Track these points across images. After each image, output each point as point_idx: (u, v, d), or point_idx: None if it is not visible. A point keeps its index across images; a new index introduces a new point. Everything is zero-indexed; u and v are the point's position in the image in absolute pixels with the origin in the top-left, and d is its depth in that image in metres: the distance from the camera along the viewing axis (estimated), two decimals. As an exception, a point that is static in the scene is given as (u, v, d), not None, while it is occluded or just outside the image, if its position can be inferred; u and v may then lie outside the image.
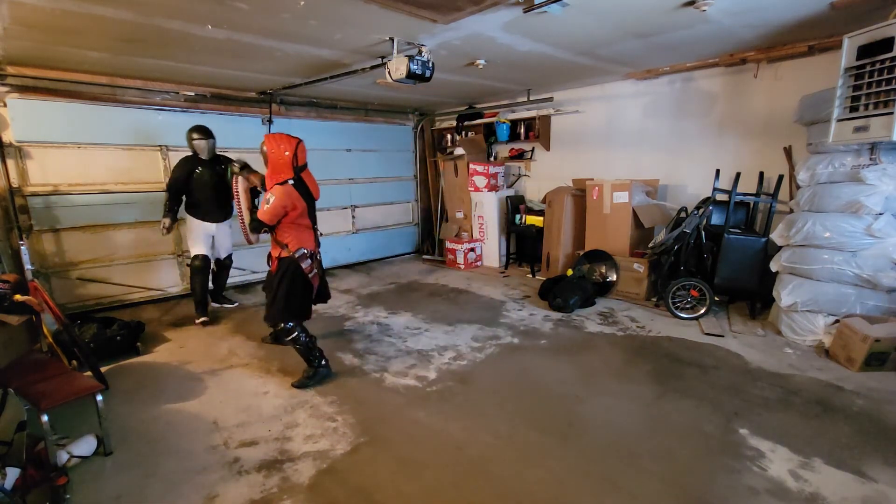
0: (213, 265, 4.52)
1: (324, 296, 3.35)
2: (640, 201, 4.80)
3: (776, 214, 4.01)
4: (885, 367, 3.02)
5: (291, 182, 2.88)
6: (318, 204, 3.19)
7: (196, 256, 4.26)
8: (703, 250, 4.24)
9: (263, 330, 4.13)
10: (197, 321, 4.30)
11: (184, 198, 4.23)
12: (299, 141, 2.94)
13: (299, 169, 2.94)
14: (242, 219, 3.23)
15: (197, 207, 4.25)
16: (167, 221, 4.16)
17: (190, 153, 4.20)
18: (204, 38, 3.27)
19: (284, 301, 2.95)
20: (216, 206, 4.30)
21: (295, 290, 2.97)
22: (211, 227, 4.32)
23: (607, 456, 2.25)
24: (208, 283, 4.43)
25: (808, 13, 3.09)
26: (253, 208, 3.39)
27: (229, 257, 4.65)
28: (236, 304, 4.86)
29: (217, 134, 4.27)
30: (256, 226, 2.92)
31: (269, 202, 2.82)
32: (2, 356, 2.38)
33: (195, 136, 4.15)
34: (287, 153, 2.87)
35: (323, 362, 3.13)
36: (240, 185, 3.33)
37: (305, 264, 2.96)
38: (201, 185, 4.19)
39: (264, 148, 2.90)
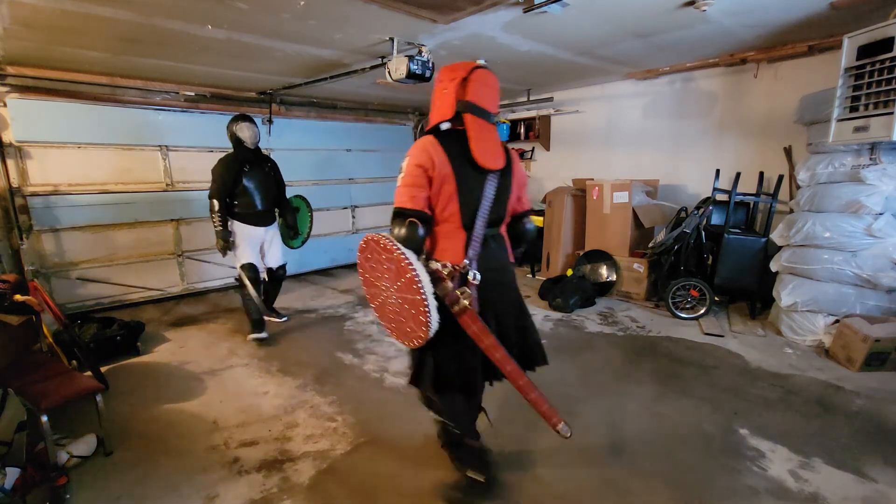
0: (234, 270, 3.94)
1: (493, 369, 1.85)
2: (640, 201, 4.80)
3: (776, 214, 4.01)
4: (885, 367, 3.02)
5: (445, 126, 1.76)
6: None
7: (244, 266, 3.71)
8: (703, 250, 4.24)
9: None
10: (251, 337, 3.78)
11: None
12: (478, 66, 1.75)
13: (466, 107, 1.71)
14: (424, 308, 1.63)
15: (244, 210, 3.71)
16: (222, 231, 3.58)
17: (231, 152, 3.71)
18: (204, 38, 3.27)
19: (419, 354, 1.86)
20: (266, 209, 3.82)
21: (437, 339, 1.72)
22: (260, 231, 3.82)
23: (607, 456, 2.25)
24: (261, 295, 3.91)
25: (808, 13, 3.09)
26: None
27: (283, 268, 4.09)
28: (286, 319, 4.26)
29: (217, 134, 4.26)
30: (401, 232, 1.66)
31: (402, 172, 1.73)
32: (2, 356, 2.38)
33: (240, 123, 3.63)
34: (455, 80, 1.72)
35: (469, 474, 1.99)
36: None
37: (446, 290, 1.69)
38: (250, 185, 3.68)
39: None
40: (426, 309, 1.60)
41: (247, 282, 3.68)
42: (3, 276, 3.05)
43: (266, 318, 4.08)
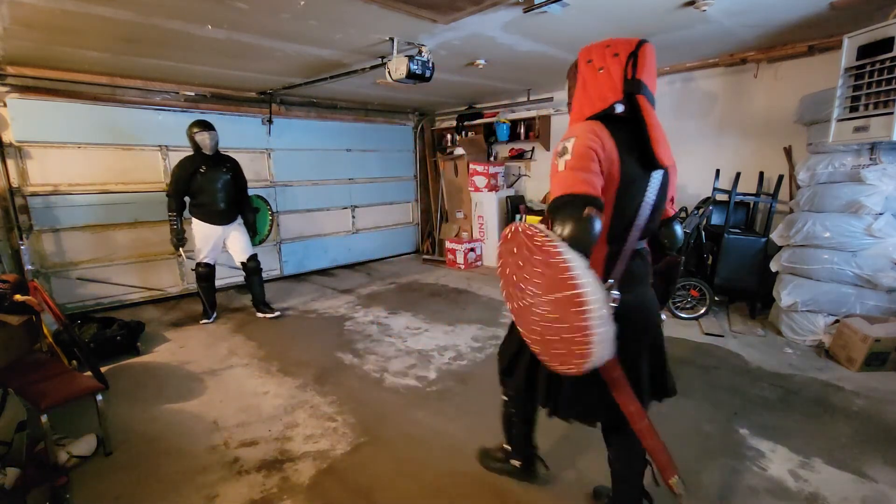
0: (235, 270, 4.38)
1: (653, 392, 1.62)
2: (640, 201, 4.79)
3: (776, 214, 4.01)
4: (885, 367, 3.02)
5: (620, 109, 1.42)
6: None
7: (199, 264, 4.18)
8: (703, 250, 4.23)
9: (264, 330, 4.16)
10: (200, 322, 4.32)
11: (187, 200, 4.05)
12: (643, 42, 1.43)
13: (639, 87, 1.42)
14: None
15: (202, 209, 4.04)
16: (176, 228, 3.97)
17: (190, 153, 4.01)
18: (204, 38, 3.27)
19: (508, 345, 1.79)
20: (224, 208, 4.10)
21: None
22: (218, 230, 4.14)
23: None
24: (214, 289, 4.37)
25: (808, 13, 3.09)
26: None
27: (253, 259, 4.33)
28: (278, 314, 4.46)
29: (218, 134, 4.25)
30: (570, 229, 1.25)
31: (566, 153, 1.34)
32: (2, 356, 2.38)
33: (196, 129, 3.92)
34: (618, 56, 1.42)
35: (517, 463, 2.02)
36: None
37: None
38: (206, 186, 3.98)
39: (575, 67, 1.53)
40: (589, 337, 1.17)
41: (196, 279, 4.25)
42: (3, 276, 3.05)
43: (260, 315, 4.46)
